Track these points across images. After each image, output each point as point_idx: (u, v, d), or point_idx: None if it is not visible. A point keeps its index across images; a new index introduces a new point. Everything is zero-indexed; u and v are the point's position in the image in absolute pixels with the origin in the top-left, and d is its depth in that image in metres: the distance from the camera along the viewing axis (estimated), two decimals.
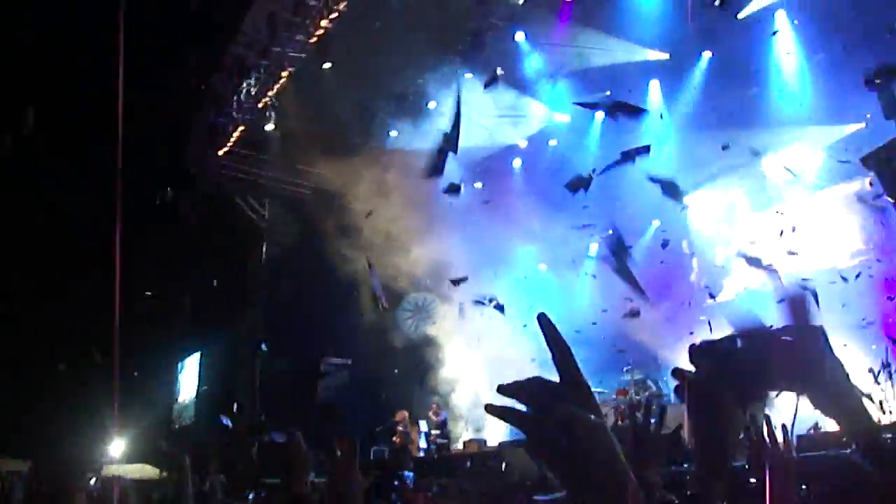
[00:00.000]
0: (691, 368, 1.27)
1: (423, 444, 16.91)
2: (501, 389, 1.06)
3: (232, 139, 21.09)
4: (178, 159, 22.19)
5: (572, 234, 18.46)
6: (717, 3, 14.32)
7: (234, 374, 21.98)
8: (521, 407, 1.01)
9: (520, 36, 17.90)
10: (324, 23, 17.22)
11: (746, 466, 1.50)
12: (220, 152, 21.55)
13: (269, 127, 20.58)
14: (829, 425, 9.33)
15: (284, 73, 18.68)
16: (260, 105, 19.74)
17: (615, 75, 17.08)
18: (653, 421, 1.80)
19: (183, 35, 18.95)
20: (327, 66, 17.99)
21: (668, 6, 15.77)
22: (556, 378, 1.01)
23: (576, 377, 1.03)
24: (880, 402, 9.28)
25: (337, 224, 19.22)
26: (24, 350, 23.56)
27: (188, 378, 25.98)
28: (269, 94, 19.27)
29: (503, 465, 13.69)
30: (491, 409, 1.05)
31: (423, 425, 17.08)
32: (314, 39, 17.74)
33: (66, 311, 22.98)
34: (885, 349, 11.81)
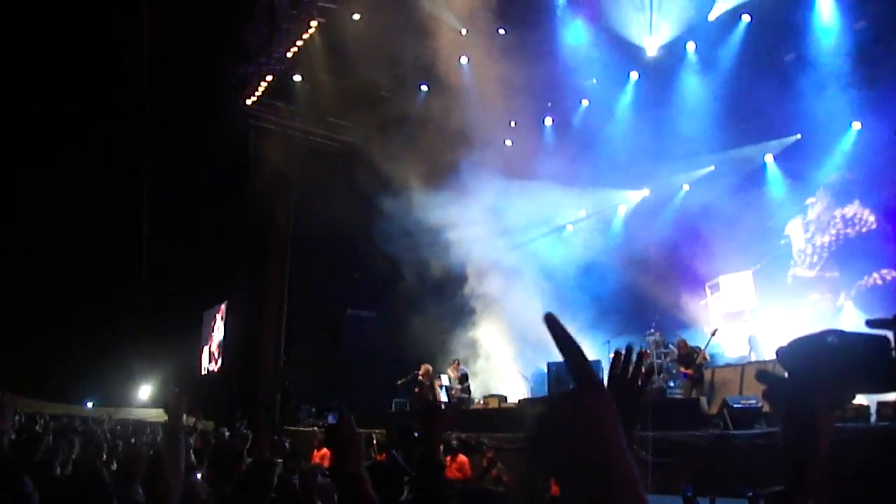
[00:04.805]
0: (778, 368, 1.19)
1: (443, 397, 17.05)
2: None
3: (260, 89, 21.01)
4: (207, 107, 22.22)
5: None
6: None
7: (260, 324, 22.20)
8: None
9: None
10: None
11: None
12: (248, 102, 21.49)
13: (297, 78, 20.44)
14: None
15: (314, 24, 18.47)
16: (289, 55, 19.57)
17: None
18: (640, 384, 1.75)
19: None
20: (356, 17, 17.76)
21: None
22: None
23: (593, 382, 0.88)
24: None
25: (364, 177, 19.16)
26: (55, 296, 24.07)
27: (215, 326, 26.34)
28: (298, 44, 19.07)
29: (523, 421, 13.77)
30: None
31: (445, 379, 17.20)
32: None
33: (94, 261, 23.41)
34: None
